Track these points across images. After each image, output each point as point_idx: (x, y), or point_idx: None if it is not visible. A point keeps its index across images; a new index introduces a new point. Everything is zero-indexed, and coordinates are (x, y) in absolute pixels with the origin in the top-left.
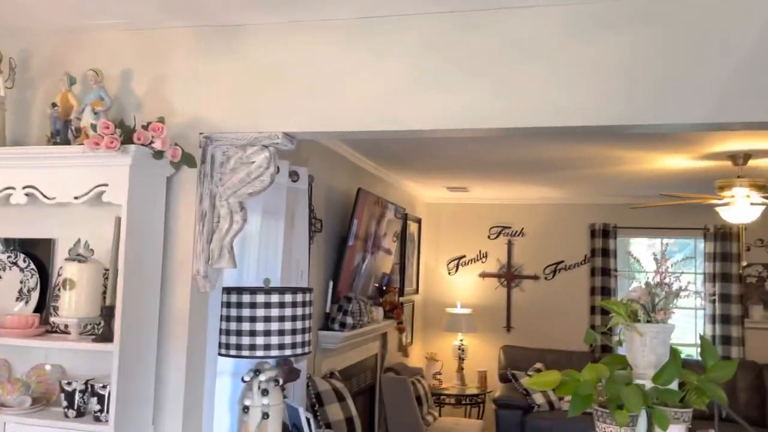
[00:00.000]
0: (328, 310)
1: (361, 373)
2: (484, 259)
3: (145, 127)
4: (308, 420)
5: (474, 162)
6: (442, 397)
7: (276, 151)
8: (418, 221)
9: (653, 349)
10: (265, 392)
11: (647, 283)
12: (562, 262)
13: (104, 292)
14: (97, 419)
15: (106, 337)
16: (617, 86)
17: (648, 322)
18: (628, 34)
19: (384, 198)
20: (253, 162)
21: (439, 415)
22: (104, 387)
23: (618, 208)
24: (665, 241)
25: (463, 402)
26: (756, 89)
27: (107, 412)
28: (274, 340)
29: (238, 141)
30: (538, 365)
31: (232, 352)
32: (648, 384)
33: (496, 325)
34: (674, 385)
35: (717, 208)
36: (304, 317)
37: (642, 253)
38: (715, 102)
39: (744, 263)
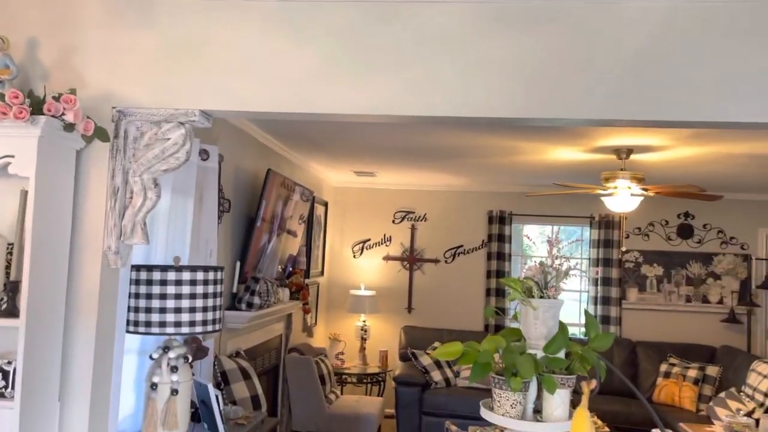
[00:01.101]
0: (235, 290)
1: (265, 353)
2: (388, 243)
3: (56, 99)
4: (217, 397)
5: (382, 148)
6: (344, 376)
7: (192, 129)
8: (325, 204)
9: (545, 322)
10: (174, 369)
11: (541, 263)
12: (462, 246)
13: (8, 267)
14: (2, 395)
15: (11, 312)
16: (518, 82)
17: (541, 297)
18: (529, 34)
19: (292, 180)
20: (169, 139)
21: (342, 394)
22: (9, 363)
23: (514, 196)
24: (556, 227)
25: (365, 380)
26: (640, 90)
27: (12, 388)
28: (185, 317)
29: (154, 117)
30: (437, 344)
31: (141, 329)
32: (539, 353)
33: (398, 306)
34: (561, 355)
35: (602, 198)
36: (215, 295)
37: (535, 238)
38: (604, 101)
39: (623, 249)
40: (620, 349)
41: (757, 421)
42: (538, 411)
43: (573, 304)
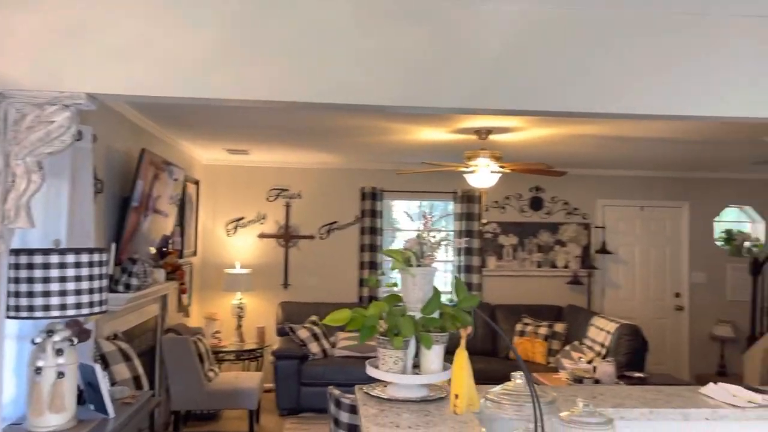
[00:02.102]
0: (111, 272)
1: (142, 335)
2: (262, 221)
3: None
4: (104, 377)
5: (255, 126)
6: (221, 354)
7: (77, 111)
8: (196, 183)
9: (422, 287)
10: (59, 352)
11: (418, 235)
12: (336, 222)
13: None
14: None
15: None
16: (396, 72)
17: (418, 266)
18: (407, 28)
19: (163, 159)
20: (53, 121)
21: (220, 371)
22: None
23: (385, 173)
24: (423, 203)
25: (243, 357)
26: (500, 84)
27: None
28: (71, 300)
29: (36, 99)
30: (314, 317)
31: (23, 313)
32: (417, 315)
33: (274, 283)
34: (436, 315)
35: (465, 175)
36: (100, 277)
37: (404, 213)
38: (470, 92)
39: (483, 221)
40: (481, 313)
41: (595, 367)
42: (416, 366)
43: (440, 274)
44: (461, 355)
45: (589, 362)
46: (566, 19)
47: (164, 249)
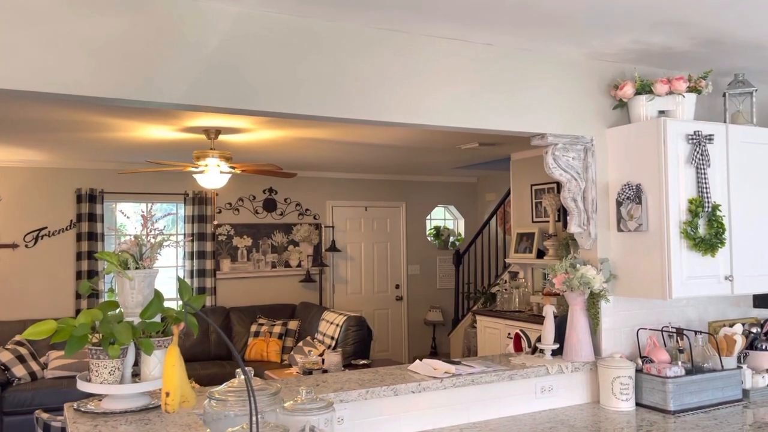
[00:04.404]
0: None
1: None
2: None
3: None
4: None
5: None
6: None
7: None
8: None
9: (141, 291)
10: None
11: (136, 236)
12: (46, 228)
13: None
14: None
15: None
16: (112, 63)
17: (137, 268)
18: (124, 18)
19: None
20: None
21: None
22: None
23: (105, 173)
24: (151, 205)
25: None
26: (220, 82)
27: None
28: None
29: None
30: (18, 338)
31: None
32: (137, 320)
33: None
34: (158, 319)
35: (195, 176)
36: None
37: (130, 216)
38: (190, 87)
39: (216, 223)
40: (215, 317)
41: (324, 359)
42: (136, 375)
43: (170, 280)
44: (172, 352)
45: (321, 355)
46: (289, 26)
47: None
